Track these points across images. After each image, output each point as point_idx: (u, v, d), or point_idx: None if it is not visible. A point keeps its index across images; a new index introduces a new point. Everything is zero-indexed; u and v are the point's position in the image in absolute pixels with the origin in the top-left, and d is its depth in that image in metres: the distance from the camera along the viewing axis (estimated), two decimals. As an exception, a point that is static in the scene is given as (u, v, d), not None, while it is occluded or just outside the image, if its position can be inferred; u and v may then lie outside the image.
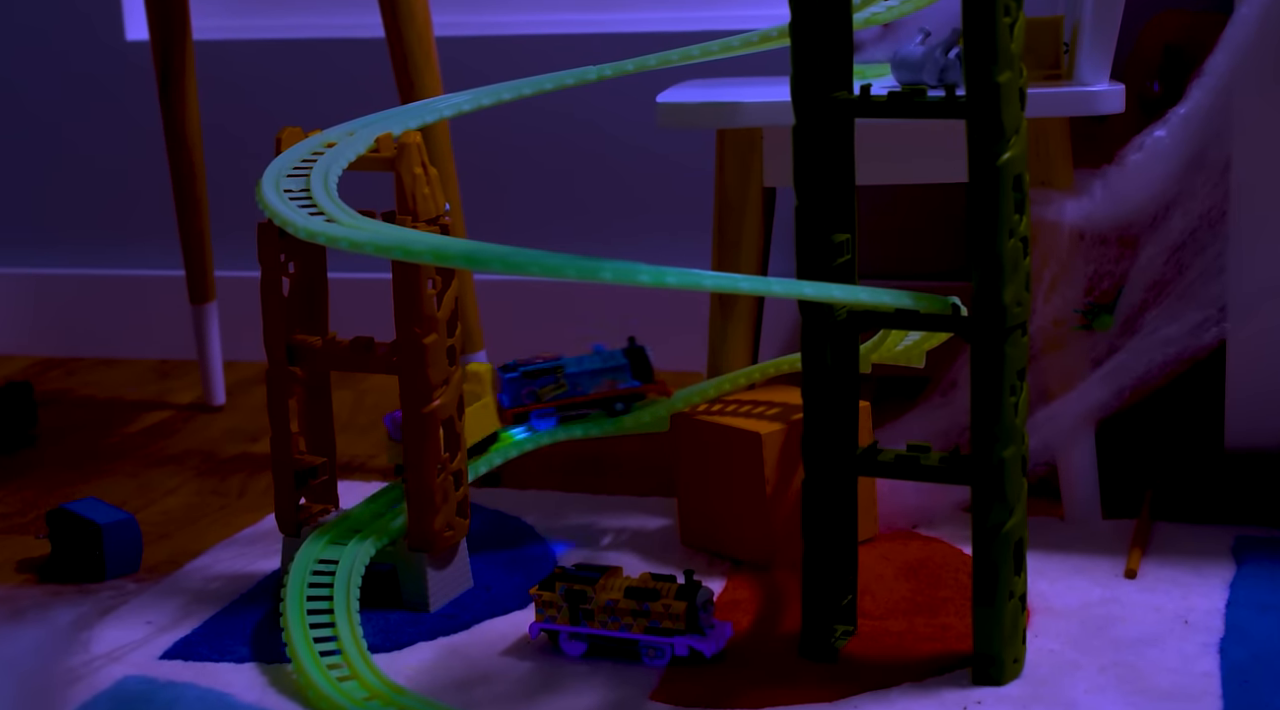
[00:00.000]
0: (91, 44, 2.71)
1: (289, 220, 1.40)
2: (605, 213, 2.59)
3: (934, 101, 1.40)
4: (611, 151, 2.56)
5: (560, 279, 1.25)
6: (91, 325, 2.77)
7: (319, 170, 1.53)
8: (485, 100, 1.71)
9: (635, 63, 1.74)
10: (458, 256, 1.27)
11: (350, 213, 1.44)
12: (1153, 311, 1.70)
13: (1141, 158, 1.69)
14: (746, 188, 1.81)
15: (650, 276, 1.24)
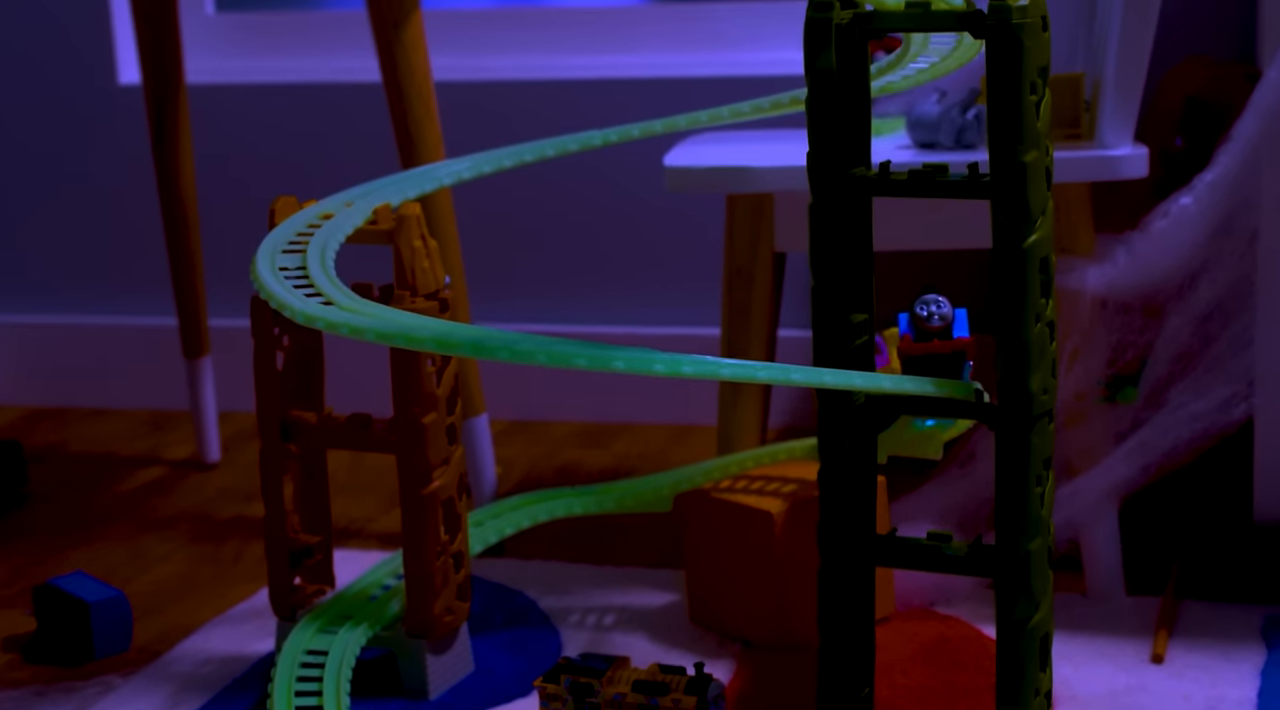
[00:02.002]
0: (84, 88, 2.65)
1: (286, 303, 1.34)
2: (612, 269, 2.53)
3: (956, 181, 1.34)
4: (618, 206, 2.50)
5: (569, 368, 1.19)
6: (83, 375, 2.71)
7: (315, 246, 1.47)
8: (486, 167, 1.65)
9: (641, 128, 1.68)
10: (463, 345, 1.21)
11: (348, 294, 1.38)
12: (1179, 385, 1.64)
13: (1167, 225, 1.63)
14: (756, 252, 1.76)
15: (665, 366, 1.18)
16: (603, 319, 2.54)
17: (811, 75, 1.36)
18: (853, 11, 1.36)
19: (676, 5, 2.54)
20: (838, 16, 1.35)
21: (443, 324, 1.28)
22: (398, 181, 1.64)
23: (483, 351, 1.20)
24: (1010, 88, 1.29)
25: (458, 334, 1.24)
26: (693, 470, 1.82)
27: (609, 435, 2.48)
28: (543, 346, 1.18)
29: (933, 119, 1.76)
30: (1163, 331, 1.65)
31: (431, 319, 1.32)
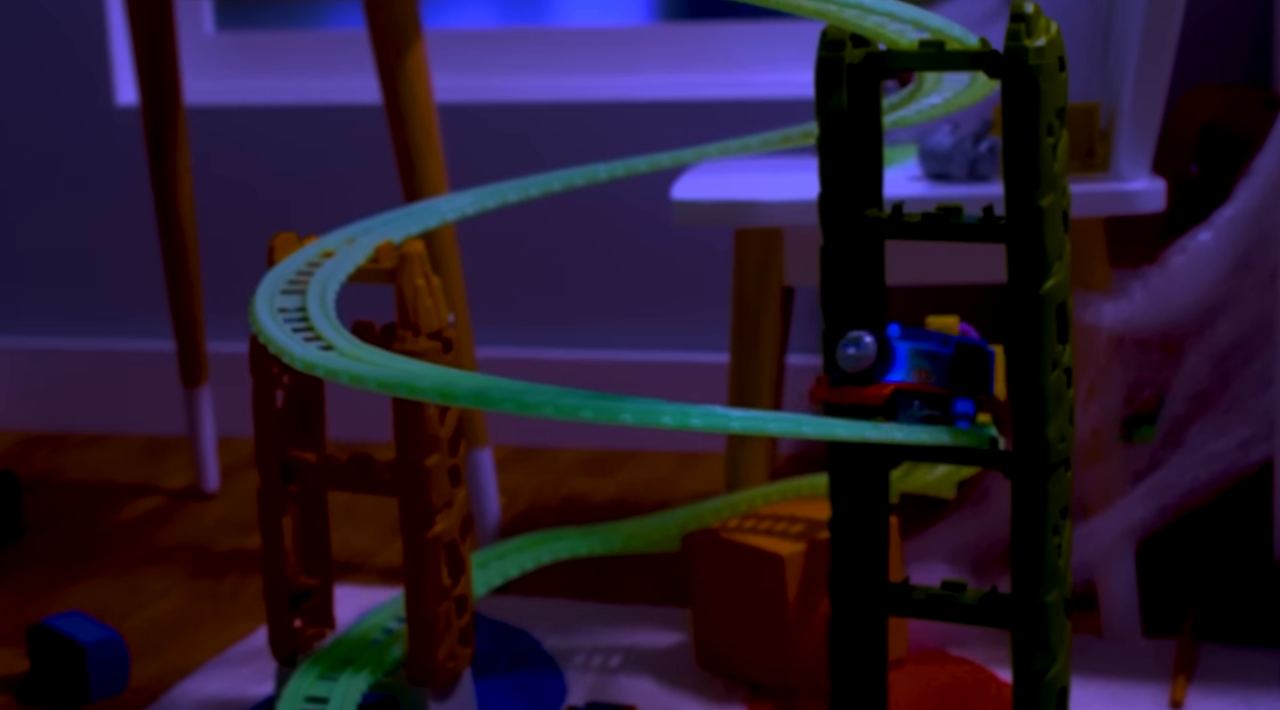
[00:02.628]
0: (82, 108, 2.62)
1: (285, 349, 1.30)
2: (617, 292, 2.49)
3: (971, 224, 1.31)
4: (624, 228, 2.47)
5: (575, 419, 1.15)
6: (80, 399, 2.68)
7: (316, 286, 1.43)
8: (490, 202, 1.62)
9: (648, 162, 1.65)
10: (465, 396, 1.18)
11: (349, 337, 1.34)
12: (1197, 424, 1.60)
13: (1185, 260, 1.60)
14: (765, 286, 1.72)
15: (673, 419, 1.15)
16: (607, 343, 2.51)
17: (823, 115, 1.33)
18: (865, 51, 1.33)
19: (684, 25, 2.51)
20: (849, 56, 1.32)
21: (446, 373, 1.24)
22: (400, 217, 1.61)
23: (486, 403, 1.16)
24: (1027, 130, 1.26)
25: (460, 384, 1.21)
26: (701, 508, 1.79)
27: (615, 462, 2.44)
28: (549, 398, 1.15)
29: (945, 151, 1.73)
30: (1181, 369, 1.62)
31: (434, 367, 1.28)
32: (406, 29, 1.86)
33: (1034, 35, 1.25)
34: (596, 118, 2.44)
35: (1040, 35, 1.25)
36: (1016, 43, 1.25)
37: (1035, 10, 1.26)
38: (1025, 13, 1.25)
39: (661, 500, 2.26)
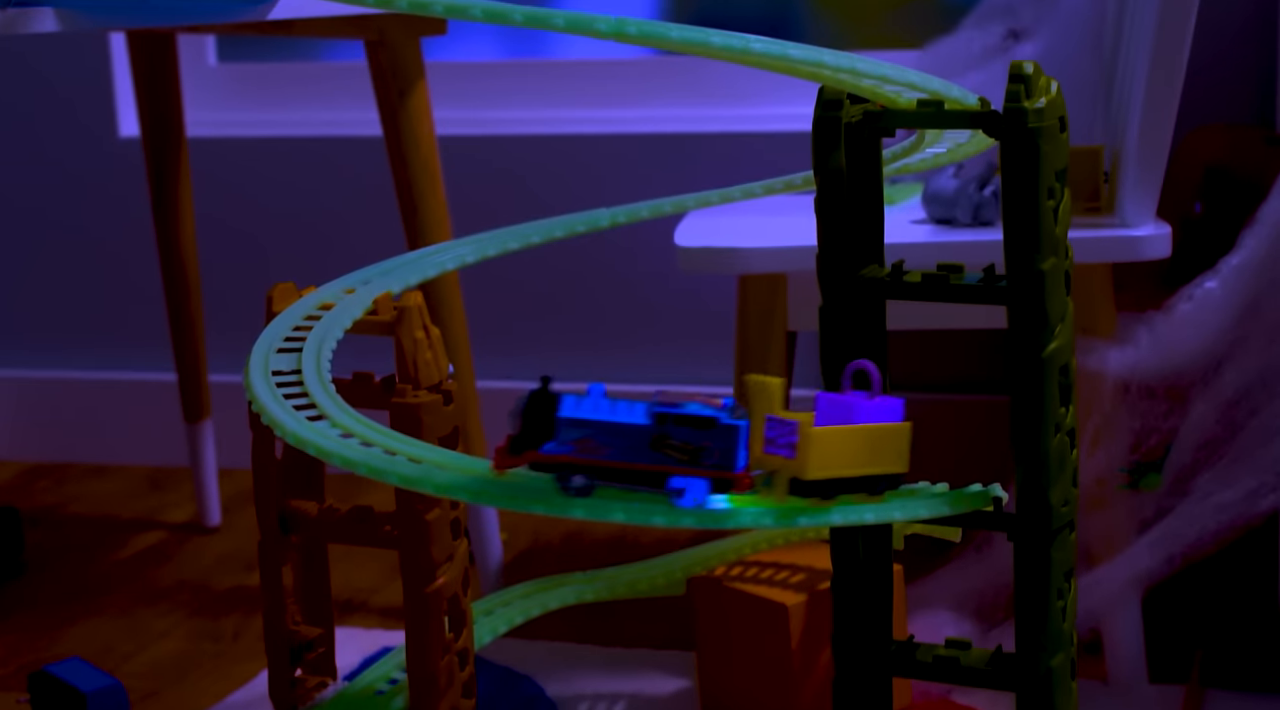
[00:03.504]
0: (84, 141, 2.61)
1: (278, 422, 1.29)
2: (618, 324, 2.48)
3: (972, 286, 1.30)
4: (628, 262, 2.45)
5: (566, 516, 1.14)
6: (82, 430, 2.67)
7: (312, 344, 1.42)
8: (490, 250, 1.61)
9: (650, 208, 1.63)
10: (462, 491, 1.17)
11: (344, 407, 1.33)
12: (1204, 473, 1.59)
13: (1191, 308, 1.58)
14: (769, 331, 1.71)
15: (665, 519, 1.14)
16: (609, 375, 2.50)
17: (821, 175, 1.31)
18: (863, 109, 1.31)
19: (687, 58, 2.49)
20: (847, 115, 1.30)
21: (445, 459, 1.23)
22: (399, 266, 1.60)
23: (483, 499, 1.15)
24: (1027, 193, 1.24)
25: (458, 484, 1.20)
26: (706, 551, 1.77)
27: (618, 495, 2.43)
28: (542, 497, 1.14)
29: (949, 195, 1.71)
30: (1187, 418, 1.60)
31: (428, 452, 1.27)
32: (409, 71, 1.85)
33: (1034, 96, 1.24)
34: (599, 152, 2.43)
35: (1040, 96, 1.24)
36: (1016, 104, 1.24)
37: (1035, 70, 1.25)
38: (1025, 73, 1.24)
39: (664, 534, 2.24)
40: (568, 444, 1.18)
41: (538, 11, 1.16)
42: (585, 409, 1.19)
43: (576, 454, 1.18)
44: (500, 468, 1.20)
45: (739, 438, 1.15)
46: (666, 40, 1.16)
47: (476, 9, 1.14)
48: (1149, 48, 1.62)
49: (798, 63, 1.21)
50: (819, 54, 1.20)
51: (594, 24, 1.15)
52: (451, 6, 1.14)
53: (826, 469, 1.17)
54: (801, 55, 1.20)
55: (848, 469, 1.18)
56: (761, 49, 1.19)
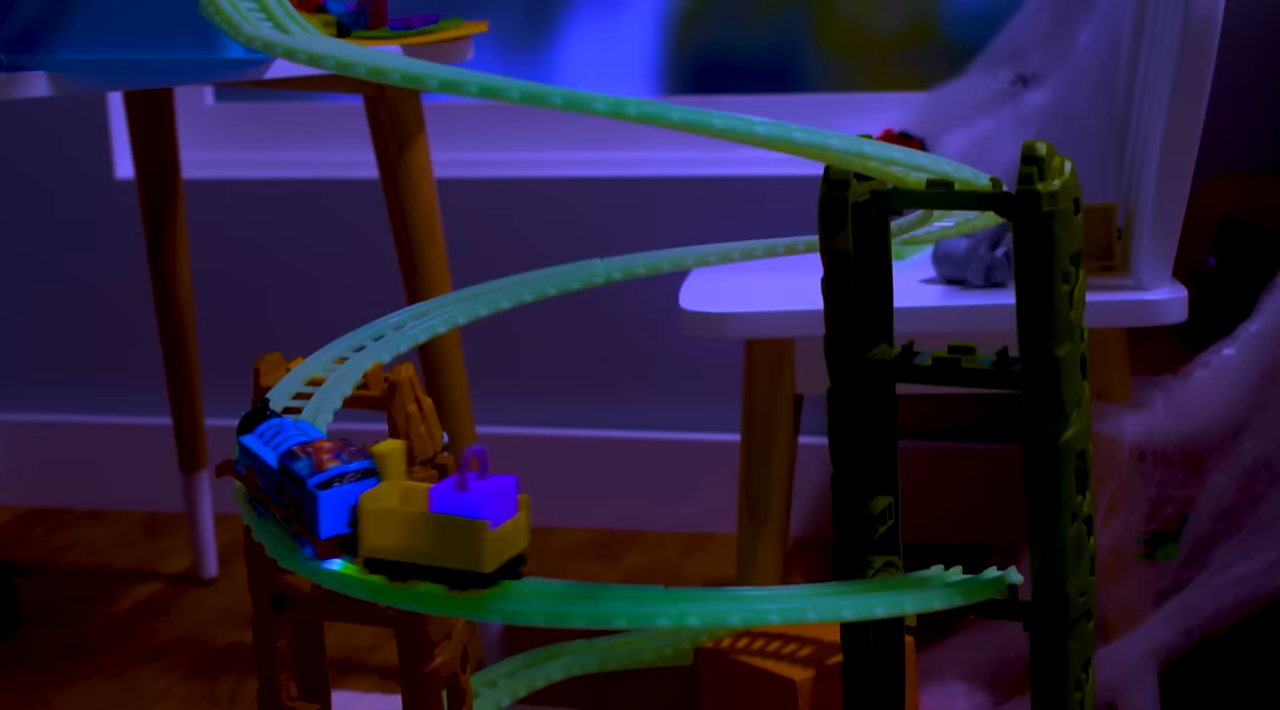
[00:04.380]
0: (79, 182, 2.58)
1: (270, 538, 1.25)
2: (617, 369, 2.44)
3: (985, 370, 1.26)
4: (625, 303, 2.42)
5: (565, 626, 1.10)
6: (78, 474, 2.64)
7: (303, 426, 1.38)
8: (482, 310, 1.56)
9: (647, 265, 1.59)
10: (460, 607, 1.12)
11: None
12: (1223, 545, 1.55)
13: (1209, 375, 1.55)
14: (776, 395, 1.67)
15: (671, 620, 1.10)
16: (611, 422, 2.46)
17: (828, 256, 1.27)
18: (870, 188, 1.27)
19: (690, 98, 2.46)
20: (854, 194, 1.26)
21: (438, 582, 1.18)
22: (391, 330, 1.55)
23: (479, 611, 1.11)
24: (1041, 278, 1.20)
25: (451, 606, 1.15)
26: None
27: (620, 545, 2.39)
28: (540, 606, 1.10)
29: (960, 255, 1.67)
30: (1205, 487, 1.56)
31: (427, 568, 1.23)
32: (408, 124, 1.81)
33: (1047, 178, 1.20)
34: (600, 194, 2.39)
35: (1054, 178, 1.20)
36: (1029, 187, 1.20)
37: (1048, 151, 1.20)
38: (1038, 154, 1.20)
39: (670, 588, 2.20)
40: (242, 467, 1.17)
41: (534, 89, 1.13)
42: (259, 437, 1.17)
43: (247, 479, 1.17)
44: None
45: (319, 506, 1.10)
46: (666, 121, 1.12)
47: (472, 85, 1.10)
48: (1165, 105, 1.58)
49: (802, 146, 1.17)
50: (824, 137, 1.16)
51: (591, 103, 1.11)
52: (447, 82, 1.10)
53: (378, 549, 1.11)
54: (805, 139, 1.16)
55: (403, 555, 1.11)
56: (765, 132, 1.15)
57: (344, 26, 1.80)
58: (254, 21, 1.14)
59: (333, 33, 1.80)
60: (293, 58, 1.01)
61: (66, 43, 1.45)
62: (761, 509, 1.69)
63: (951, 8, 2.40)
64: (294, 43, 1.03)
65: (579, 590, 1.14)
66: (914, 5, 2.41)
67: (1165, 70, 1.60)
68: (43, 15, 1.45)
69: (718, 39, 2.48)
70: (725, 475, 2.37)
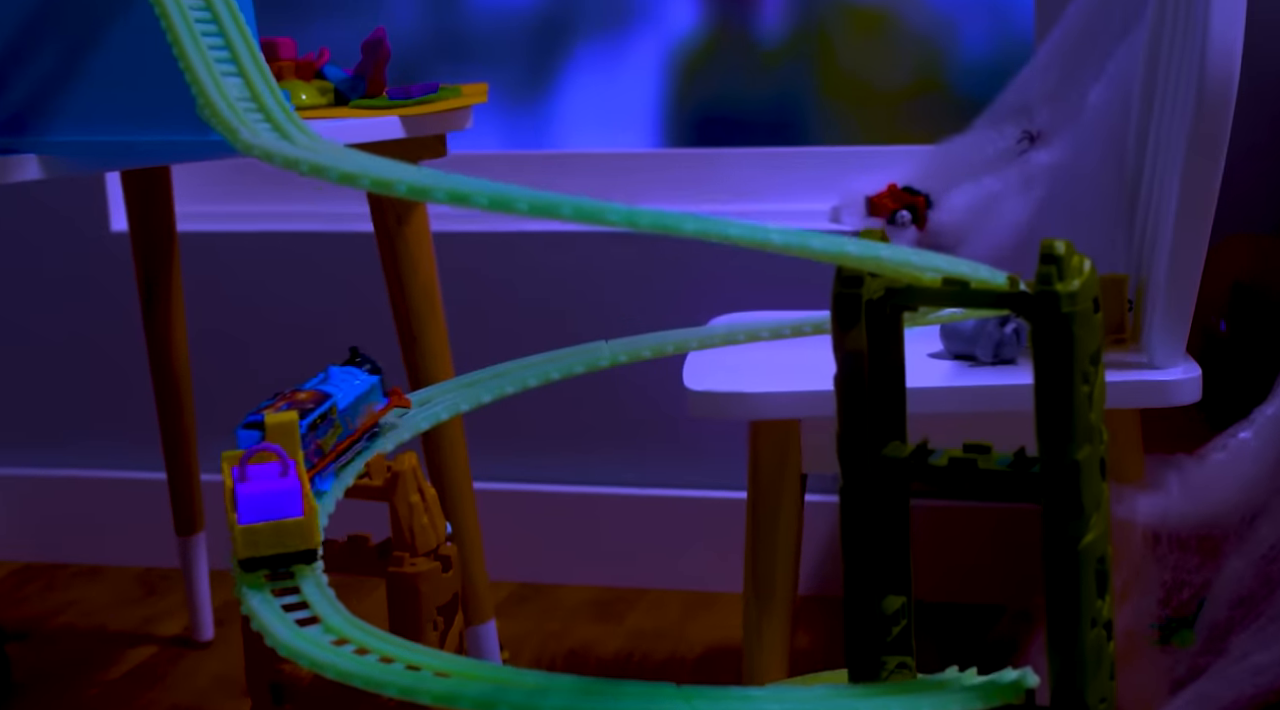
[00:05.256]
0: (75, 236, 2.54)
1: (269, 629, 1.21)
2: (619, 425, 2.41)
3: (1001, 472, 1.23)
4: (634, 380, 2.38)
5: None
6: (74, 529, 2.60)
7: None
8: (486, 397, 1.53)
9: (653, 348, 1.56)
10: (463, 700, 1.09)
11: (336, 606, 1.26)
12: (1240, 632, 1.52)
13: (1225, 458, 1.52)
14: (783, 476, 1.64)
15: (680, 712, 1.07)
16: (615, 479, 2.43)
17: (841, 355, 1.24)
18: (885, 285, 1.24)
19: (690, 151, 2.43)
20: (868, 291, 1.23)
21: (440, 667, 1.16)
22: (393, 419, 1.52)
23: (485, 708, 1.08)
24: (1060, 380, 1.17)
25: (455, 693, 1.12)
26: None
27: (623, 604, 2.36)
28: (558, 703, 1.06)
29: (969, 331, 1.64)
30: (1221, 572, 1.53)
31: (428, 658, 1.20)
32: (405, 196, 1.78)
33: (1067, 278, 1.17)
34: (599, 249, 2.36)
35: (1073, 278, 1.17)
36: (1048, 286, 1.17)
37: (1067, 249, 1.17)
38: (1057, 253, 1.17)
39: (671, 653, 2.18)
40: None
41: (544, 200, 1.09)
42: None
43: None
44: None
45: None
46: (680, 230, 1.09)
47: (482, 198, 1.07)
48: (1179, 175, 1.55)
49: (819, 253, 1.14)
50: (841, 244, 1.13)
51: (605, 214, 1.07)
52: (455, 193, 1.07)
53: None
54: (823, 246, 1.13)
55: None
56: (781, 240, 1.12)
57: (341, 94, 1.77)
58: (252, 125, 1.11)
59: (330, 100, 1.77)
60: (294, 168, 0.98)
61: (58, 125, 1.43)
62: (768, 590, 1.66)
63: (957, 61, 2.38)
64: (295, 153, 1.00)
65: (594, 687, 1.11)
66: (919, 58, 2.39)
67: (1179, 138, 1.58)
68: (34, 98, 1.42)
69: (720, 91, 2.45)
70: (728, 532, 2.34)
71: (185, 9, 1.19)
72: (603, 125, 2.49)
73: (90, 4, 1.40)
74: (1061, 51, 2.08)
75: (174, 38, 1.21)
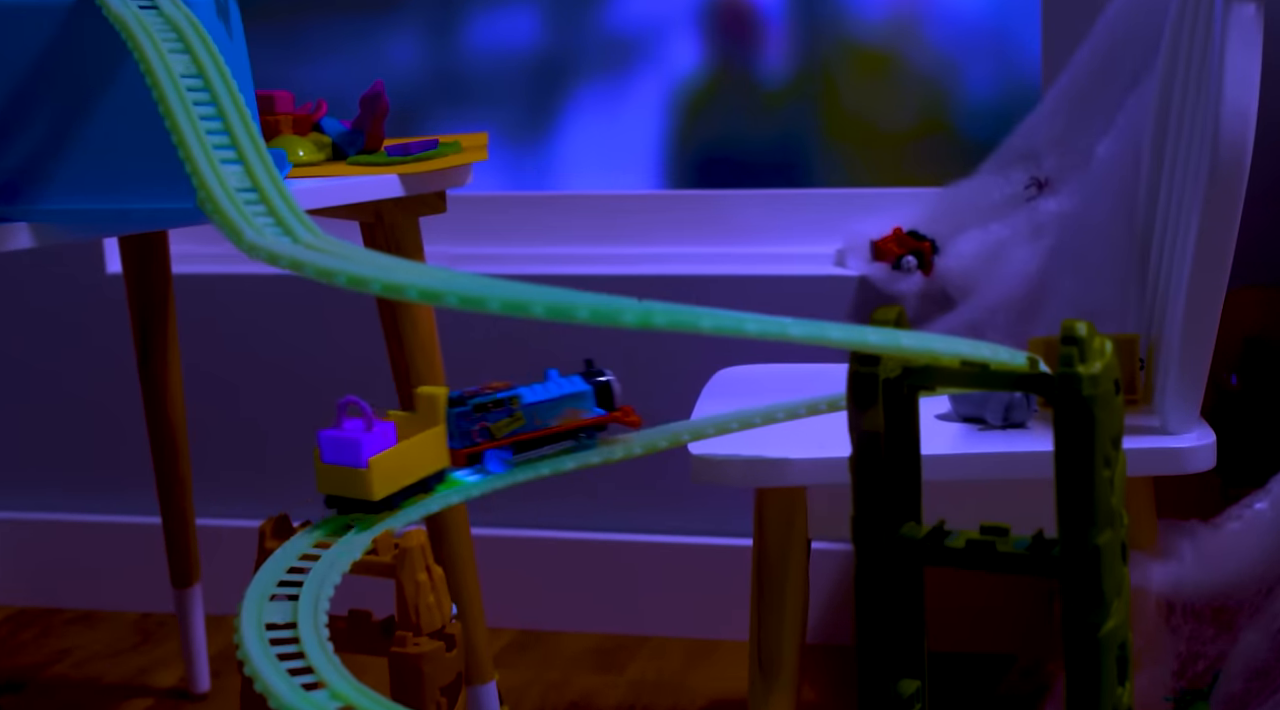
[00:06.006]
0: (70, 278, 2.52)
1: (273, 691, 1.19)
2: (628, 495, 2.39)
3: (1019, 555, 1.20)
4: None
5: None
6: (70, 574, 2.57)
7: (309, 594, 1.32)
8: (498, 483, 1.50)
9: (669, 438, 1.53)
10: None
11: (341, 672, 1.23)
12: (1256, 707, 1.49)
13: (1240, 528, 1.49)
14: (789, 544, 1.61)
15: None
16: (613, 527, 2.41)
17: (857, 435, 1.22)
18: (901, 363, 1.22)
19: (692, 192, 2.40)
20: (885, 370, 1.21)
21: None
22: (406, 503, 1.49)
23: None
24: (1081, 463, 1.15)
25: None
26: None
27: (624, 653, 2.33)
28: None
29: (978, 394, 1.62)
30: (1237, 644, 1.51)
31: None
32: (407, 251, 1.75)
33: (1089, 360, 1.15)
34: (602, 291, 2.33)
35: (1095, 361, 1.15)
36: (1069, 369, 1.15)
37: (1089, 331, 1.15)
38: (1078, 335, 1.14)
39: (674, 705, 2.15)
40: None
41: (560, 301, 1.06)
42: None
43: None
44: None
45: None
46: (696, 327, 1.06)
47: (494, 301, 1.04)
48: (1193, 239, 1.53)
49: (838, 343, 1.12)
50: (861, 334, 1.11)
51: (620, 315, 1.05)
52: (468, 298, 1.04)
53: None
54: (842, 336, 1.11)
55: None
56: (800, 333, 1.10)
57: (339, 148, 1.74)
58: (254, 221, 1.08)
59: (328, 155, 1.74)
60: (299, 270, 0.95)
61: (51, 193, 1.40)
62: (774, 664, 1.63)
63: (963, 102, 2.35)
64: (301, 255, 0.97)
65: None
66: (924, 99, 2.37)
67: (1192, 199, 1.55)
68: (25, 166, 1.39)
69: (723, 131, 2.43)
70: (730, 579, 2.32)
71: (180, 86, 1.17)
72: (604, 166, 2.46)
73: (83, 72, 1.38)
74: (1069, 98, 2.06)
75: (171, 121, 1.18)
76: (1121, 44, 2.00)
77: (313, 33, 2.51)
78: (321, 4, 2.50)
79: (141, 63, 1.19)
